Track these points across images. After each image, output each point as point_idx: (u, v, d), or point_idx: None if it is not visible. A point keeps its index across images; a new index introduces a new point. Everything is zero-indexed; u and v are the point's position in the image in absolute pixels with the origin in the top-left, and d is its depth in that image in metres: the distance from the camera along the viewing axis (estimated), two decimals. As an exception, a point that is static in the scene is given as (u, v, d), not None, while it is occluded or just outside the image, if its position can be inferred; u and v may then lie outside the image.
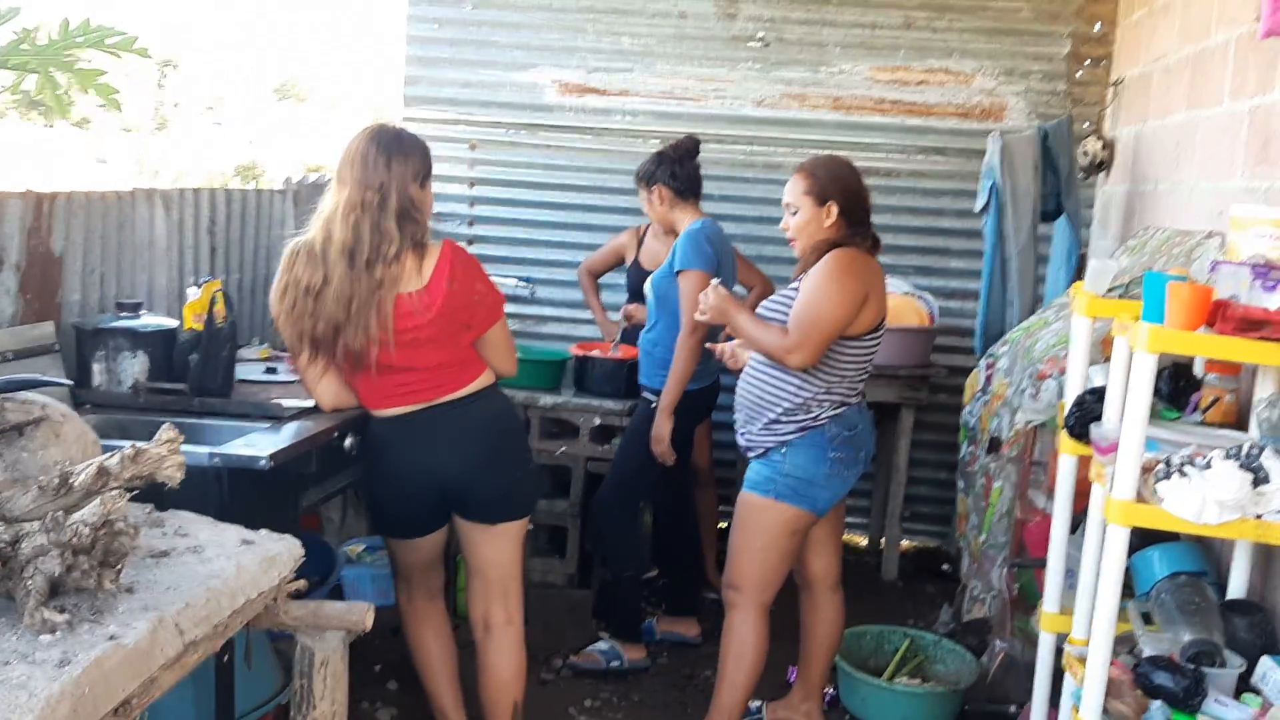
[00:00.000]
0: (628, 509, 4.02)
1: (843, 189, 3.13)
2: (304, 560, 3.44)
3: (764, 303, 3.25)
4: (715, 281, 3.31)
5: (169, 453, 1.60)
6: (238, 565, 1.76)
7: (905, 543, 5.34)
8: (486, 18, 5.34)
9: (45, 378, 1.83)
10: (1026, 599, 3.58)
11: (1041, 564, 3.19)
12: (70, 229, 2.90)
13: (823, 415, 3.12)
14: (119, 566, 1.53)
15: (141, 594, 1.60)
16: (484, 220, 5.47)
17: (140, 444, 1.60)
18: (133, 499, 1.82)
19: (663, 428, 3.82)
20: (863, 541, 5.50)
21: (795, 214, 3.16)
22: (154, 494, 2.38)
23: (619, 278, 4.70)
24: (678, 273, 3.80)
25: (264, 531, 1.98)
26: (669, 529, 4.32)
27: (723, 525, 4.59)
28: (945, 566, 5.08)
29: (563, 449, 4.32)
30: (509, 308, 5.31)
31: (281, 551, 1.89)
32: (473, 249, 5.39)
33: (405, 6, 5.42)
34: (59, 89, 4.50)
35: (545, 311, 5.46)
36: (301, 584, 1.95)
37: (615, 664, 3.98)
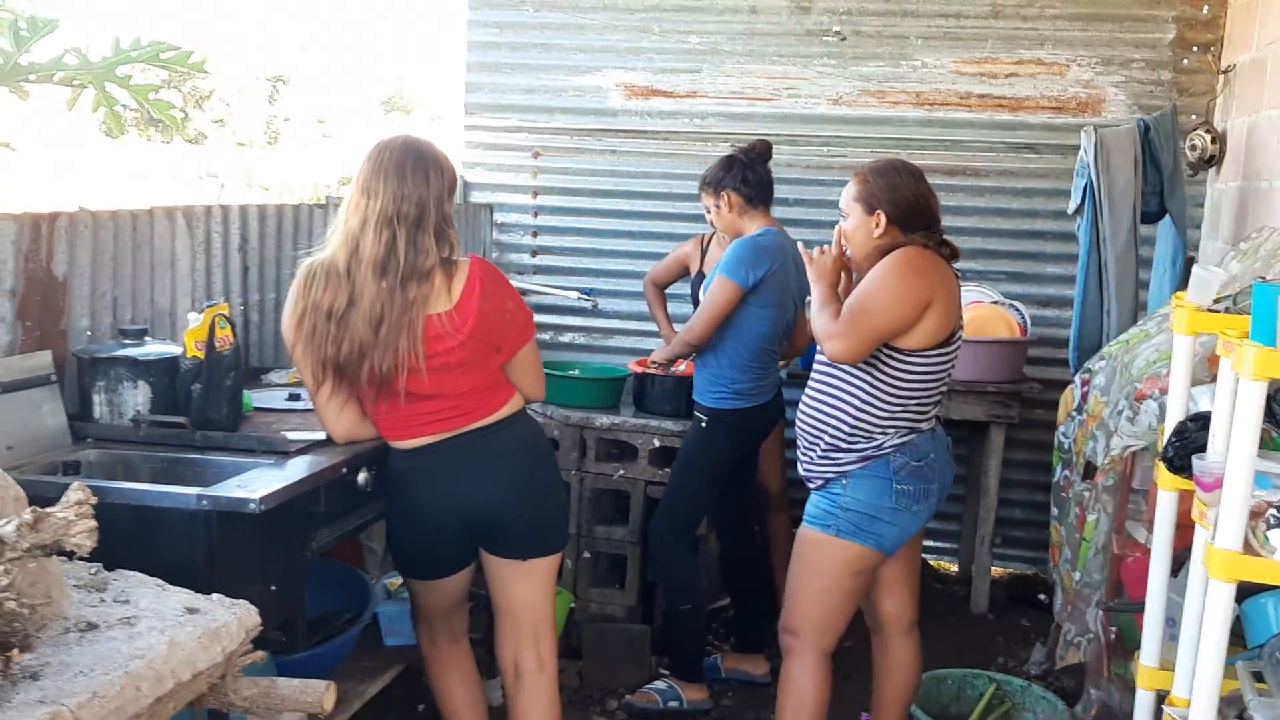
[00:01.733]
0: (684, 537, 3.76)
1: (893, 198, 2.85)
2: (335, 595, 3.32)
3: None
4: (826, 247, 3.02)
5: (77, 517, 1.39)
6: (170, 641, 1.54)
7: (998, 570, 4.97)
8: (548, 20, 5.14)
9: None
10: (1125, 642, 3.22)
11: (1140, 608, 2.85)
12: (75, 251, 2.75)
13: (887, 443, 2.81)
14: (11, 652, 1.33)
15: (47, 680, 1.40)
16: (547, 230, 5.27)
17: (44, 509, 1.39)
18: (88, 557, 1.63)
19: (660, 354, 3.88)
20: (952, 568, 5.14)
21: (846, 219, 2.93)
22: (140, 542, 2.24)
23: (686, 287, 4.45)
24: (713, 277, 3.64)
25: (216, 597, 1.76)
26: (733, 557, 4.05)
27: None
28: (1042, 597, 4.70)
29: (620, 472, 4.07)
30: (573, 320, 5.22)
31: (230, 621, 1.67)
32: (536, 260, 5.25)
33: (466, 12, 5.25)
34: (115, 104, 4.38)
35: (610, 325, 5.23)
36: (260, 656, 1.73)
37: (673, 704, 3.72)
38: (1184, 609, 2.49)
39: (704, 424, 3.69)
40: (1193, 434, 2.48)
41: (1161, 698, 2.58)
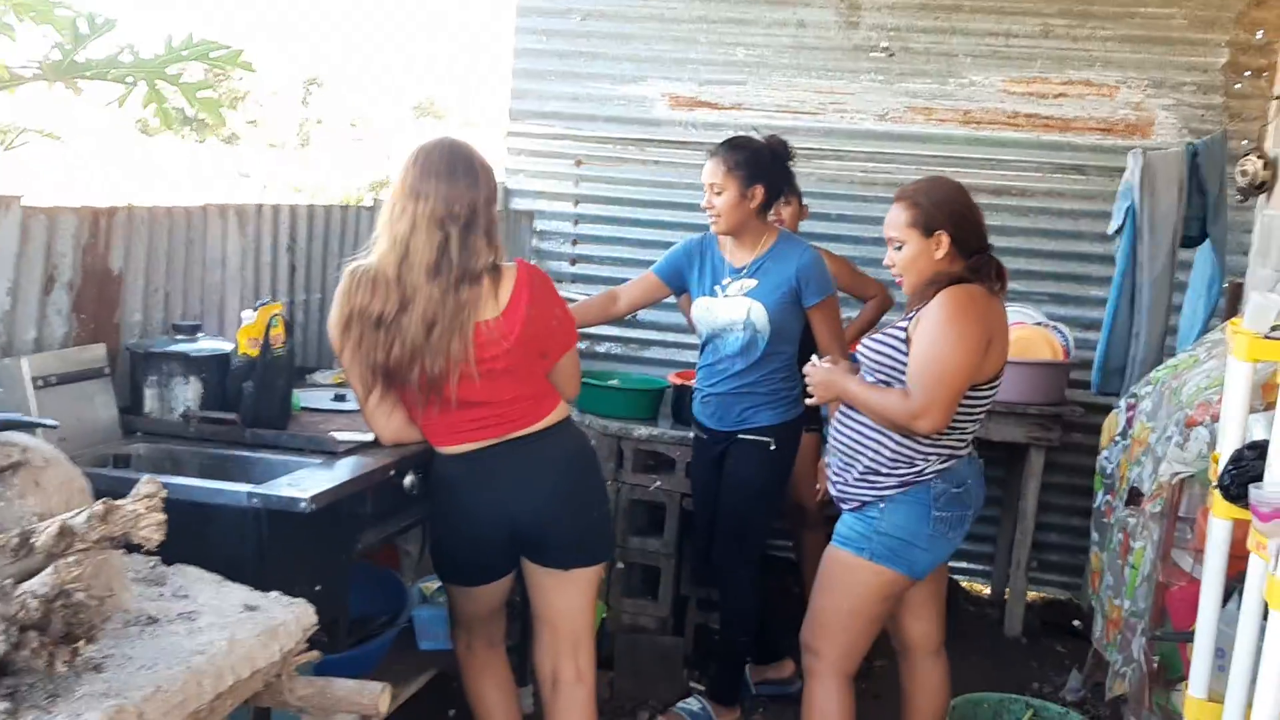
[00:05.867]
0: (754, 569, 3.65)
1: (950, 214, 2.77)
2: (371, 597, 3.31)
3: (866, 341, 2.90)
4: (816, 360, 2.98)
5: (146, 510, 1.38)
6: (231, 638, 1.54)
7: (1031, 594, 4.92)
8: (595, 29, 5.15)
9: (27, 417, 1.65)
10: (1167, 672, 3.18)
11: (1187, 637, 2.80)
12: (131, 246, 2.77)
13: (928, 470, 2.77)
14: (78, 644, 1.32)
15: (110, 673, 1.39)
16: (587, 239, 5.28)
17: (114, 500, 1.39)
18: (147, 550, 1.63)
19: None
20: (985, 591, 5.10)
21: (900, 248, 2.79)
22: (190, 538, 2.24)
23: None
24: (816, 304, 3.45)
25: (274, 594, 1.76)
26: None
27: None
28: (1076, 623, 4.65)
29: (657, 483, 4.06)
30: (610, 330, 5.20)
31: (288, 620, 1.66)
32: (575, 269, 5.25)
33: (514, 20, 5.26)
34: (165, 102, 4.42)
35: (647, 335, 5.22)
36: (314, 655, 1.73)
37: (705, 727, 3.68)
38: (1236, 640, 2.45)
39: (772, 447, 3.52)
40: (1250, 462, 2.43)
41: (1210, 730, 2.53)
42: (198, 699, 1.42)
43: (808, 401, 3.02)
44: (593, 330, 5.16)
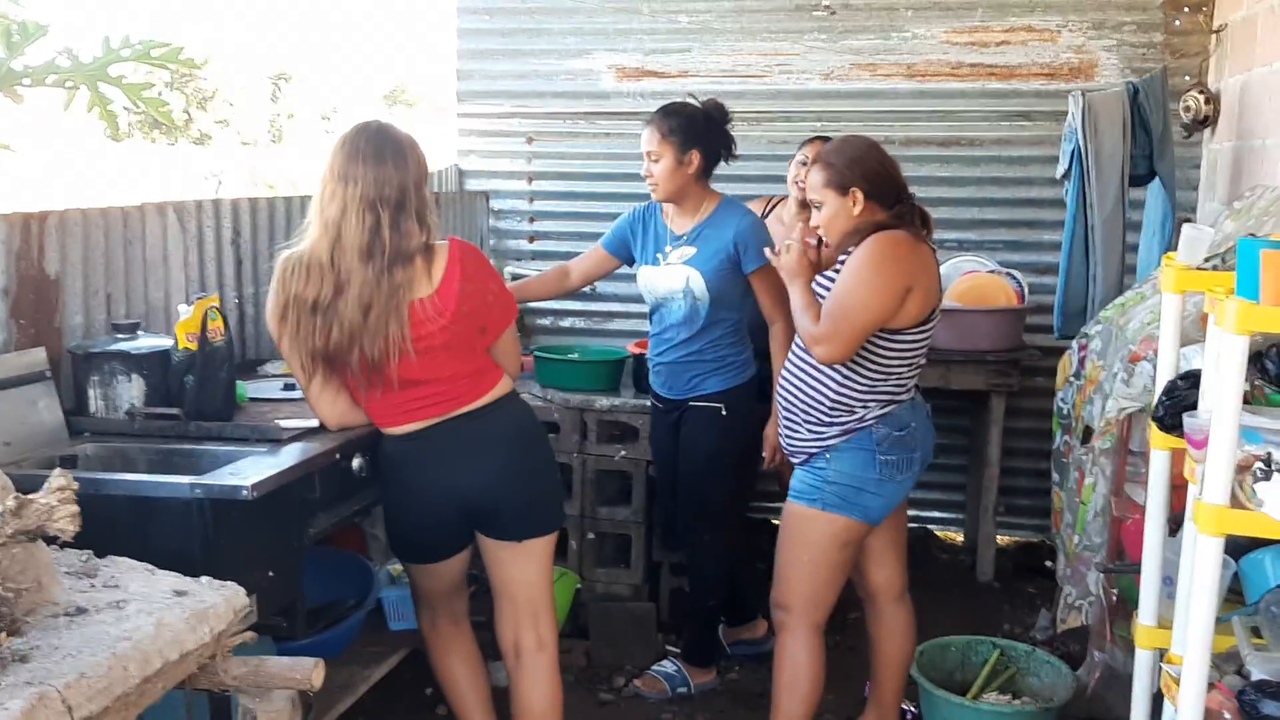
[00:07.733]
0: (720, 535, 3.67)
1: (864, 172, 2.81)
2: (339, 582, 3.35)
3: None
4: (790, 243, 2.91)
5: (59, 503, 1.41)
6: (158, 623, 1.57)
7: (1005, 538, 4.98)
8: (538, 4, 5.15)
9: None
10: (1128, 604, 3.23)
11: (1139, 569, 2.85)
12: (66, 249, 2.78)
13: (869, 416, 2.82)
14: (0, 635, 1.35)
15: (36, 663, 1.42)
16: (544, 216, 5.29)
17: (26, 495, 1.41)
18: (78, 544, 1.66)
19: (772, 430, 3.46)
20: (958, 538, 5.15)
21: (820, 208, 2.86)
22: (136, 531, 2.27)
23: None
24: (756, 270, 3.42)
25: (205, 579, 1.78)
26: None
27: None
28: (1048, 564, 4.70)
29: (622, 453, 4.09)
30: (572, 305, 5.23)
31: (218, 603, 1.69)
32: (534, 246, 5.26)
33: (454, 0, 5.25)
34: (109, 104, 4.42)
35: (610, 308, 5.24)
36: (250, 636, 1.75)
37: (682, 690, 3.72)
38: (1180, 568, 2.49)
39: (723, 412, 3.52)
40: (1183, 392, 2.47)
41: (1162, 656, 2.58)
42: (124, 683, 1.45)
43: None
44: (555, 305, 5.19)
